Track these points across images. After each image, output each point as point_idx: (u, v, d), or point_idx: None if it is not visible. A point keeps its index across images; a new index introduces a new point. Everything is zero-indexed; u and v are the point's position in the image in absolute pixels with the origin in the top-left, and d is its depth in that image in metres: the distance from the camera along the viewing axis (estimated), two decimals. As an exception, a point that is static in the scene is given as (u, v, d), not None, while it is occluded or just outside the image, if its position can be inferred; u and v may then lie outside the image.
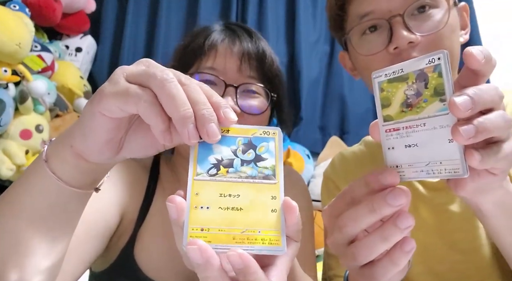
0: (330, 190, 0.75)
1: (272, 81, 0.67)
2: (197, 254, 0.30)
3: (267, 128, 0.36)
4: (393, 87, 0.34)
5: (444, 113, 0.31)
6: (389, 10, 0.58)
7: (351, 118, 1.88)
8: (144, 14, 1.97)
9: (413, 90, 0.33)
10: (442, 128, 0.31)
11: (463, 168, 0.31)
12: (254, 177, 0.34)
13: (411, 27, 0.56)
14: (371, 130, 0.36)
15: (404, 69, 0.34)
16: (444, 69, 0.31)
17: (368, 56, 0.61)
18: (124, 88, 0.32)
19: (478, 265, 0.61)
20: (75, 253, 0.51)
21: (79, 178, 0.39)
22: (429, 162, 0.32)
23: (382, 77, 0.35)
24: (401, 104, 0.34)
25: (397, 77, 0.34)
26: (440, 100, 0.31)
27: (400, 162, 0.34)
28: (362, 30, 0.62)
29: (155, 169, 0.71)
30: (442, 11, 0.58)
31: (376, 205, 0.33)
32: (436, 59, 0.32)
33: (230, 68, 0.63)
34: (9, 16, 1.27)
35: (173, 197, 0.32)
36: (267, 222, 0.33)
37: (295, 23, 1.92)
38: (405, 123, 0.34)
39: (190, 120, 0.31)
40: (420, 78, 0.33)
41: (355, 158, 0.76)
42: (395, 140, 0.35)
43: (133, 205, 0.64)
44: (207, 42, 0.64)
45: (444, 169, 0.32)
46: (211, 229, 0.32)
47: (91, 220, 0.54)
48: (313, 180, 1.73)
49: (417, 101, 0.33)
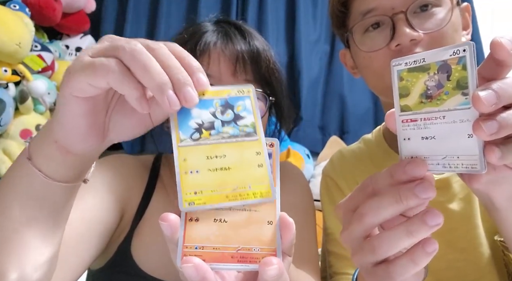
0: (329, 188, 0.75)
1: (269, 81, 0.65)
2: (193, 272, 0.30)
3: (241, 86, 0.36)
4: (413, 77, 0.33)
5: (465, 107, 0.30)
6: (392, 7, 0.58)
7: (351, 118, 1.88)
8: (144, 14, 1.97)
9: (434, 81, 0.32)
10: (462, 122, 0.30)
11: (481, 163, 0.30)
12: (236, 136, 0.34)
13: (414, 25, 0.56)
14: (387, 119, 0.36)
15: (426, 58, 0.32)
16: (469, 62, 0.30)
17: (369, 53, 0.61)
18: (89, 62, 0.32)
19: (475, 264, 0.61)
20: (75, 252, 0.51)
21: (66, 172, 0.38)
22: (446, 155, 0.32)
23: (401, 65, 0.34)
24: (421, 95, 0.33)
25: (418, 66, 0.33)
26: (463, 93, 0.30)
27: (416, 154, 0.34)
28: (365, 27, 0.62)
29: (156, 167, 0.70)
30: (444, 10, 0.58)
31: (403, 196, 0.32)
32: (461, 51, 0.30)
33: (224, 73, 0.60)
34: (9, 16, 1.27)
35: (166, 215, 0.32)
36: (255, 176, 0.33)
37: (295, 23, 1.92)
38: (424, 115, 0.33)
39: (167, 86, 0.31)
40: (443, 69, 0.31)
41: (354, 156, 0.76)
42: (412, 131, 0.34)
43: (132, 202, 0.64)
44: (198, 47, 0.61)
45: (462, 164, 0.31)
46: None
47: (91, 219, 0.54)
48: (313, 180, 1.73)
49: (438, 93, 0.32)
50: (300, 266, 0.62)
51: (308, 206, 0.74)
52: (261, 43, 0.66)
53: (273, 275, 0.30)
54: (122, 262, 0.60)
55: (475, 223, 0.62)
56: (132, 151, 1.80)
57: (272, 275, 0.30)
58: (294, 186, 0.74)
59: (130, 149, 1.80)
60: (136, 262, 0.60)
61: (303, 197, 0.74)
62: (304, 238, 0.68)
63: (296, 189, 0.74)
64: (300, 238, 0.36)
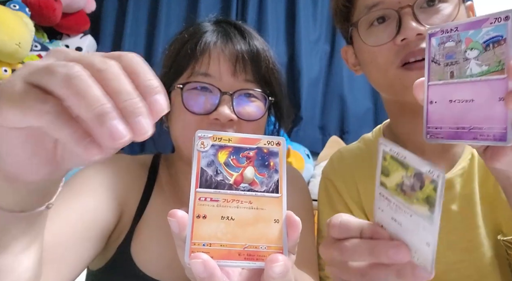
0: (328, 190, 0.75)
1: (269, 81, 0.65)
2: (201, 268, 0.29)
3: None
4: (394, 166, 0.34)
5: (428, 222, 0.31)
6: (398, 1, 0.57)
7: (351, 118, 1.88)
8: (144, 13, 1.97)
9: (409, 183, 0.32)
10: (424, 229, 0.31)
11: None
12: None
13: (420, 19, 0.56)
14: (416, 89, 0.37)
15: (407, 158, 0.33)
16: (439, 189, 0.30)
17: (374, 48, 0.60)
18: (20, 96, 0.26)
19: (477, 265, 0.61)
20: (72, 253, 0.51)
21: (18, 201, 0.33)
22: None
23: (387, 147, 0.35)
24: (397, 184, 0.33)
25: (400, 160, 0.33)
26: (429, 210, 0.31)
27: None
28: (370, 21, 0.61)
29: (154, 167, 0.70)
30: (451, 6, 0.58)
31: (377, 253, 0.33)
32: (436, 176, 0.30)
33: (224, 73, 0.60)
34: (9, 15, 1.27)
35: (174, 211, 0.31)
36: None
37: (295, 22, 1.92)
38: (396, 202, 0.33)
39: (108, 116, 0.25)
40: (418, 178, 0.32)
41: (354, 156, 0.76)
42: (386, 207, 0.34)
43: (131, 203, 0.63)
44: (198, 47, 0.61)
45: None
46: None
47: (89, 219, 0.54)
48: (313, 180, 1.73)
49: (410, 194, 0.32)
50: (300, 268, 0.62)
51: (307, 208, 0.74)
52: (261, 43, 0.66)
53: (279, 272, 0.30)
54: (121, 262, 0.60)
55: (475, 223, 0.62)
56: (131, 152, 1.80)
57: (278, 272, 0.30)
58: (293, 188, 0.74)
59: (130, 149, 1.80)
60: (135, 263, 0.60)
61: (303, 200, 0.74)
62: (304, 240, 0.67)
63: (296, 191, 0.74)
64: (300, 240, 0.36)
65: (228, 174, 0.34)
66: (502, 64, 0.30)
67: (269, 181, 0.34)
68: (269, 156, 0.35)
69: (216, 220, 0.32)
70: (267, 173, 0.34)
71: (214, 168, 0.33)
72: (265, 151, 0.35)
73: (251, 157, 0.34)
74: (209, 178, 0.33)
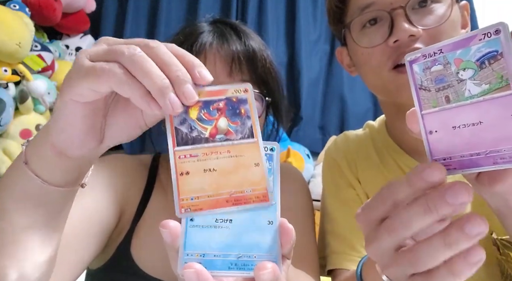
0: (331, 169, 0.76)
1: (266, 81, 0.65)
2: (194, 278, 0.30)
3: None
4: None
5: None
6: (390, 2, 0.57)
7: (351, 118, 1.88)
8: (144, 14, 1.97)
9: None
10: None
11: None
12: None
13: (413, 20, 0.55)
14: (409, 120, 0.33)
15: None
16: None
17: (367, 50, 0.60)
18: (90, 67, 0.31)
19: None
20: (73, 251, 0.51)
21: (63, 176, 0.38)
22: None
23: None
24: None
25: None
26: None
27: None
28: (363, 22, 0.61)
29: (154, 166, 0.71)
30: (444, 6, 0.57)
31: (432, 204, 0.28)
32: None
33: (220, 74, 0.60)
34: (9, 15, 1.28)
35: (166, 222, 0.32)
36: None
37: (295, 23, 1.92)
38: None
39: (168, 89, 0.31)
40: None
41: (358, 140, 0.77)
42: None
43: (131, 202, 0.64)
44: (194, 47, 0.61)
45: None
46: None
47: (90, 218, 0.54)
48: (313, 180, 1.73)
49: None
50: (299, 267, 0.62)
51: (307, 207, 0.74)
52: (257, 43, 0.65)
53: (268, 279, 0.31)
54: (121, 261, 0.60)
55: None
56: (132, 151, 1.80)
57: (266, 279, 0.31)
58: (293, 187, 0.74)
59: (130, 149, 1.80)
60: (135, 262, 0.60)
61: (303, 199, 0.74)
62: (303, 239, 0.68)
63: (296, 190, 0.74)
64: (299, 239, 0.36)
65: (202, 128, 0.34)
66: (505, 79, 0.28)
67: (243, 128, 0.34)
68: (239, 104, 0.35)
69: (199, 174, 0.33)
70: (240, 121, 0.34)
71: (187, 125, 0.34)
72: (234, 100, 0.35)
73: (221, 108, 0.34)
74: (184, 135, 0.33)
